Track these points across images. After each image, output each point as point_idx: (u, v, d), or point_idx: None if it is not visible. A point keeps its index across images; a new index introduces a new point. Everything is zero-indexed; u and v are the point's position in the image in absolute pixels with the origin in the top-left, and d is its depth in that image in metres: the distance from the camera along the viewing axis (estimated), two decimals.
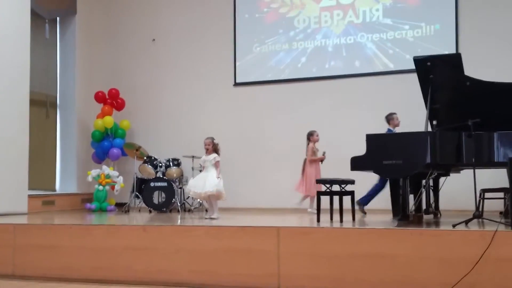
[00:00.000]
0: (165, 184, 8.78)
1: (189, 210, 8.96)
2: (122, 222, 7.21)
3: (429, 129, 6.06)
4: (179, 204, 8.79)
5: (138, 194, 9.03)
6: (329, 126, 9.31)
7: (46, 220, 7.43)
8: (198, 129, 9.61)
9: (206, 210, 7.42)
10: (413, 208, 6.06)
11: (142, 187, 8.97)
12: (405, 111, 8.45)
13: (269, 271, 5.28)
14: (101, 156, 10.10)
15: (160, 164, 9.07)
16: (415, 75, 6.20)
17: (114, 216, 8.42)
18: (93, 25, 10.80)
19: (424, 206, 6.62)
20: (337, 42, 9.62)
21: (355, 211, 6.61)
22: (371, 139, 6.01)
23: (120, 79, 10.69)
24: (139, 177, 9.18)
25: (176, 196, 8.73)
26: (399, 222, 5.68)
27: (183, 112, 10.39)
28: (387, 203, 6.97)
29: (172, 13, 10.63)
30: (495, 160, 5.63)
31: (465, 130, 5.60)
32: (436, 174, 6.57)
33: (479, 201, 6.46)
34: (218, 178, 6.95)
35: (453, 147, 5.72)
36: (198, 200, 8.72)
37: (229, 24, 10.24)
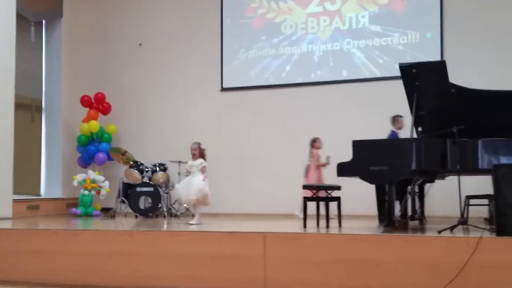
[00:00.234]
0: (151, 189, 8.75)
1: (176, 215, 8.93)
2: (108, 227, 7.18)
3: (415, 135, 6.11)
4: (165, 209, 8.76)
5: (124, 199, 8.99)
6: (316, 132, 9.32)
7: (30, 225, 7.38)
8: (184, 134, 9.59)
9: (193, 216, 7.42)
10: (399, 214, 6.10)
11: (128, 192, 8.94)
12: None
13: (255, 277, 5.29)
14: (86, 161, 10.05)
15: (146, 169, 9.04)
16: (401, 82, 6.25)
17: (100, 221, 8.38)
18: (79, 28, 10.75)
19: (409, 212, 6.67)
20: (324, 48, 9.66)
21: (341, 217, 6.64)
22: (357, 145, 6.05)
23: (106, 83, 10.65)
24: (125, 182, 9.14)
25: (162, 201, 8.71)
26: (385, 228, 5.72)
27: (169, 117, 10.37)
28: (373, 209, 7.00)
29: (159, 18, 10.62)
30: (480, 167, 5.69)
31: (450, 137, 5.66)
32: (421, 180, 6.62)
33: (464, 207, 6.52)
34: (203, 182, 6.94)
35: (438, 154, 5.77)
36: (184, 205, 8.70)
37: (216, 29, 10.25)
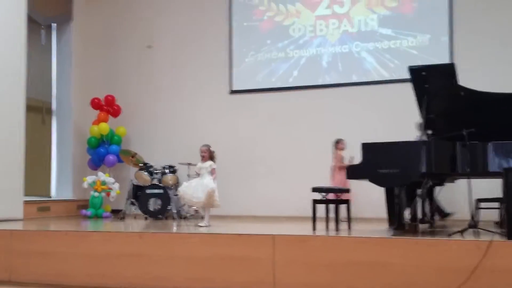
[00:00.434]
0: (161, 191, 8.79)
1: (185, 217, 8.95)
2: (117, 229, 7.21)
3: (424, 138, 6.10)
4: (174, 211, 8.79)
5: (134, 201, 9.04)
6: (325, 134, 9.34)
7: (41, 226, 7.42)
8: (194, 137, 9.61)
9: (202, 218, 7.43)
10: (409, 217, 6.08)
11: (137, 194, 8.98)
12: (400, 120, 8.54)
13: (264, 279, 5.30)
14: (97, 163, 10.09)
15: (156, 171, 9.08)
16: (410, 85, 6.24)
17: (110, 222, 8.42)
18: (89, 31, 10.81)
19: (419, 216, 6.65)
20: (332, 51, 9.66)
21: (352, 220, 6.63)
22: (366, 148, 6.03)
23: (116, 85, 10.69)
24: (135, 184, 9.18)
25: (171, 203, 8.74)
26: (395, 231, 5.71)
27: (179, 119, 10.39)
28: (382, 212, 6.99)
29: (168, 21, 10.65)
30: (490, 170, 5.66)
31: (460, 139, 5.64)
32: (431, 183, 6.60)
33: (475, 211, 6.50)
34: (212, 186, 6.96)
35: (448, 157, 5.75)
36: (193, 207, 8.72)
37: (225, 32, 10.27)
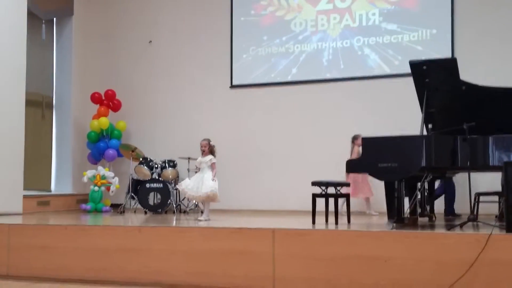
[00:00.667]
0: (160, 185, 8.78)
1: (185, 212, 8.96)
2: (117, 223, 7.19)
3: (425, 132, 6.08)
4: (174, 206, 8.80)
5: (134, 195, 9.04)
6: (326, 128, 9.34)
7: (41, 221, 7.41)
8: (194, 131, 9.63)
9: (202, 212, 7.43)
10: (408, 211, 6.08)
11: (137, 188, 8.97)
12: (401, 114, 8.53)
13: (264, 273, 5.29)
14: (96, 157, 10.09)
15: (156, 166, 9.07)
16: (411, 79, 6.22)
17: (109, 217, 8.41)
18: (90, 26, 10.80)
19: (419, 209, 6.64)
20: (334, 45, 9.64)
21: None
22: (367, 142, 6.02)
23: (116, 80, 10.69)
24: (134, 178, 9.18)
25: (171, 198, 8.74)
26: (395, 224, 5.70)
27: (179, 113, 10.39)
28: (382, 206, 6.98)
29: (169, 15, 10.64)
30: (490, 164, 5.65)
31: (461, 134, 5.63)
32: (431, 177, 6.59)
33: (474, 204, 6.49)
34: (213, 181, 6.96)
35: (448, 151, 5.73)
36: (193, 201, 8.72)
37: (226, 26, 10.25)
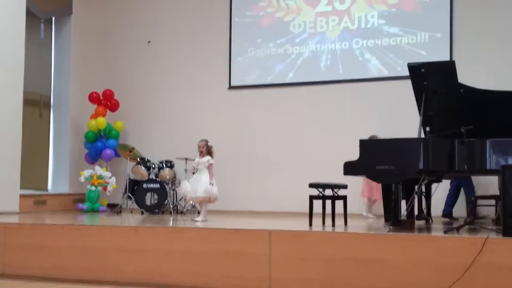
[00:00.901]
0: (157, 186, 8.77)
1: (182, 212, 8.95)
2: (114, 223, 7.19)
3: (422, 135, 6.09)
4: (171, 206, 8.79)
5: (131, 195, 9.02)
6: (324, 130, 9.34)
7: (37, 220, 7.41)
8: (192, 131, 9.61)
9: (199, 213, 7.43)
10: (405, 213, 6.07)
11: (134, 188, 8.96)
12: (399, 117, 8.53)
13: (260, 274, 5.29)
14: (94, 157, 10.07)
15: (153, 166, 9.06)
16: (409, 82, 6.23)
17: (106, 217, 8.40)
18: (89, 26, 10.78)
19: (416, 212, 6.65)
20: (332, 47, 9.63)
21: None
22: (364, 144, 6.03)
23: (114, 80, 10.67)
24: (131, 178, 9.17)
25: (168, 198, 8.73)
26: (391, 227, 5.70)
27: (177, 114, 10.38)
28: (379, 208, 6.99)
29: (168, 15, 10.63)
30: (487, 168, 5.66)
31: (458, 137, 5.63)
32: (428, 180, 6.59)
33: (471, 207, 6.49)
34: (211, 185, 6.94)
35: (446, 154, 5.74)
36: (190, 202, 8.71)
37: (225, 27, 10.24)
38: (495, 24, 8.70)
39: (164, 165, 9.11)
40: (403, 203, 6.09)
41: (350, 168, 6.20)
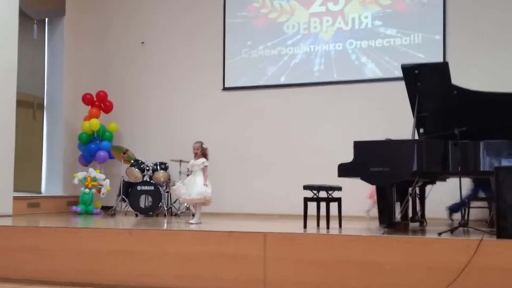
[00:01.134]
0: (152, 188, 8.74)
1: (176, 215, 8.93)
2: (108, 225, 7.16)
3: (416, 137, 6.10)
4: (165, 208, 8.76)
5: (125, 198, 8.99)
6: (319, 132, 9.34)
7: (31, 223, 7.36)
8: (186, 133, 9.59)
9: (193, 215, 7.41)
10: (400, 216, 6.08)
11: (128, 190, 8.93)
12: (392, 118, 8.54)
13: (255, 277, 5.28)
14: (88, 159, 10.05)
15: (147, 168, 9.03)
16: (403, 83, 6.23)
17: (100, 219, 8.37)
18: (82, 26, 10.75)
19: (410, 214, 6.66)
20: (326, 48, 9.64)
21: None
22: (358, 146, 6.03)
23: (108, 81, 10.65)
24: (126, 180, 9.14)
25: (163, 200, 8.70)
26: (385, 229, 5.70)
27: (171, 115, 10.36)
28: (374, 210, 7.00)
29: (162, 17, 10.62)
30: (481, 169, 5.67)
31: (452, 138, 5.65)
32: (422, 182, 6.60)
33: (465, 209, 6.50)
34: (205, 185, 6.93)
35: (440, 156, 5.76)
36: (185, 204, 8.70)
37: (219, 28, 10.23)
38: (488, 26, 8.73)
39: (158, 167, 9.08)
40: (398, 205, 6.10)
41: (344, 170, 6.20)
